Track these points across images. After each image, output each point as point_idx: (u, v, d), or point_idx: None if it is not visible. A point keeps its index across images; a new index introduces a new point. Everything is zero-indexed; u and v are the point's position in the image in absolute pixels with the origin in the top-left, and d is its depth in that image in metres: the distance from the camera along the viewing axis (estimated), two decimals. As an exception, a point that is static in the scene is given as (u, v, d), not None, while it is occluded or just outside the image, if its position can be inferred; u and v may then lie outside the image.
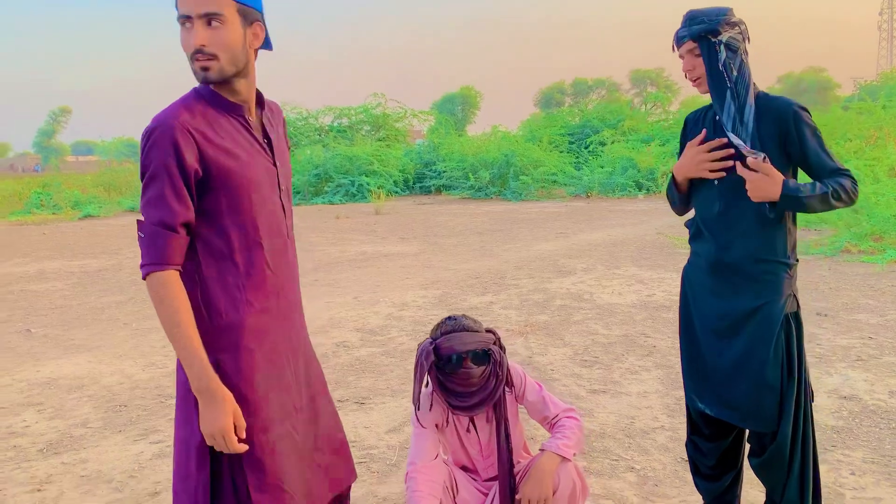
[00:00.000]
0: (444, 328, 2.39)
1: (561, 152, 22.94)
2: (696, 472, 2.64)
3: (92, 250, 11.93)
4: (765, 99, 2.28)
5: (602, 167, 20.28)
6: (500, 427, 2.41)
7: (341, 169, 22.07)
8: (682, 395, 2.67)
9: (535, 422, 2.60)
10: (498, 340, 2.41)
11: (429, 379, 2.41)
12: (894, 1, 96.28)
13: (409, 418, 3.36)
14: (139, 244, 1.77)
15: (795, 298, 2.33)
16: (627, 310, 6.38)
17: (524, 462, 2.52)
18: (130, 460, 3.56)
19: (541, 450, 2.39)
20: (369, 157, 22.17)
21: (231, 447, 1.75)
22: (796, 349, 2.29)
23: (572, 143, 24.61)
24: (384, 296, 7.33)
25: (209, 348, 1.81)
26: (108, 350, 5.68)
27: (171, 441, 3.68)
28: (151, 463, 3.52)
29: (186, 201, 1.76)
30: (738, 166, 2.21)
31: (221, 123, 1.85)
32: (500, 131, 25.06)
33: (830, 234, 9.81)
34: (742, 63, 2.24)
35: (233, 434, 1.75)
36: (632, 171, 19.42)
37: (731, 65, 2.23)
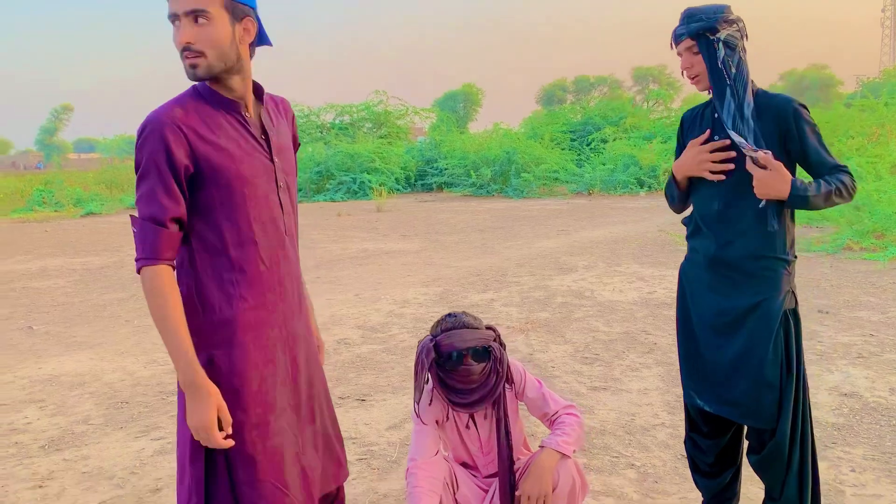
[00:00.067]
0: (445, 325, 2.38)
1: (563, 149, 22.94)
2: (696, 470, 2.64)
3: (94, 247, 11.94)
4: (764, 97, 2.28)
5: (604, 164, 20.27)
6: (500, 424, 2.42)
7: (343, 166, 22.07)
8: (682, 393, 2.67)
9: (536, 418, 2.60)
10: (498, 337, 2.41)
11: (429, 376, 2.41)
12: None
13: (410, 415, 3.37)
14: (134, 239, 1.79)
15: (794, 295, 2.33)
16: (628, 307, 6.38)
17: (524, 459, 2.52)
18: (132, 457, 3.57)
19: (541, 446, 2.39)
20: (371, 155, 22.16)
21: (214, 442, 1.76)
22: (795, 346, 2.29)
23: (574, 141, 24.62)
24: (385, 293, 7.34)
25: (203, 343, 1.83)
26: (110, 347, 5.69)
27: (172, 438, 3.70)
28: (153, 459, 3.53)
29: (177, 197, 1.77)
30: (748, 163, 2.20)
31: (216, 120, 1.85)
32: (502, 129, 25.04)
33: (832, 232, 9.80)
34: (740, 60, 2.24)
35: (216, 429, 1.75)
36: (633, 169, 19.41)
37: (730, 62, 2.23)
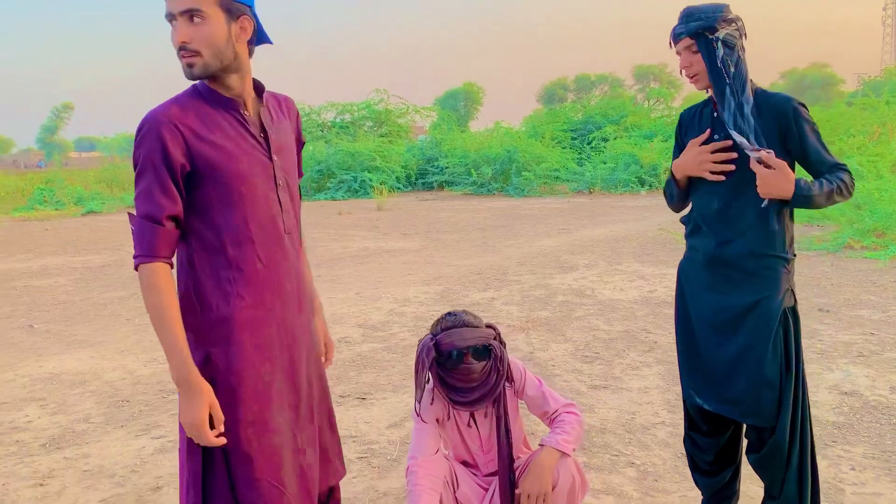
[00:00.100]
0: (445, 324, 2.38)
1: (563, 148, 22.92)
2: (695, 469, 2.64)
3: (94, 246, 11.95)
4: (763, 95, 2.28)
5: (604, 163, 20.25)
6: (500, 422, 2.42)
7: (344, 165, 22.05)
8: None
9: (536, 417, 2.60)
10: (498, 335, 2.41)
11: (430, 375, 2.41)
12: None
13: (410, 413, 3.37)
14: (132, 237, 1.81)
15: (793, 293, 2.34)
16: (629, 306, 6.38)
17: (524, 457, 2.52)
18: (132, 455, 3.57)
19: (540, 445, 2.39)
20: (372, 153, 22.14)
21: (205, 440, 1.76)
22: (794, 344, 2.30)
23: (575, 139, 24.60)
24: (386, 291, 7.34)
25: (201, 341, 1.84)
26: (111, 345, 5.70)
27: (173, 436, 3.71)
28: (153, 458, 3.53)
29: (173, 195, 1.78)
30: (752, 162, 2.20)
31: (214, 118, 1.85)
32: (503, 127, 25.03)
33: (833, 230, 9.79)
34: (739, 59, 2.24)
35: (207, 427, 1.75)
36: (634, 167, 19.39)
37: (729, 61, 2.23)
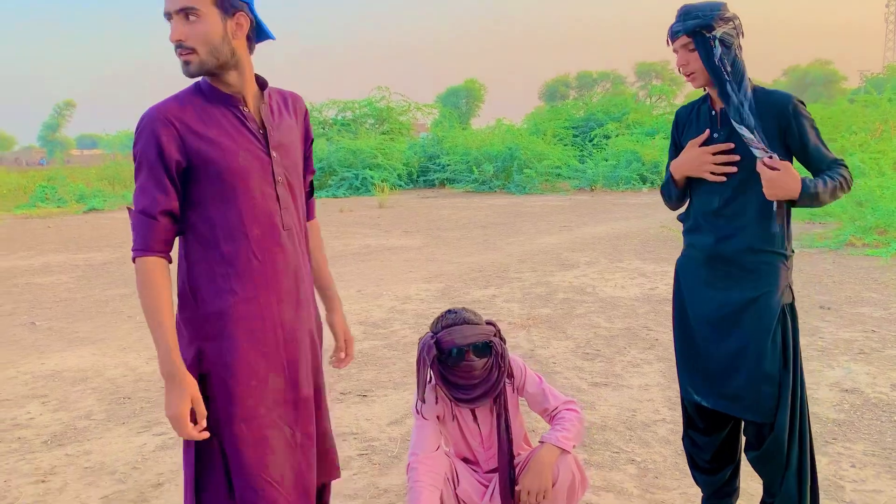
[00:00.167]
0: (445, 322, 2.39)
1: (565, 145, 22.93)
2: (695, 467, 2.65)
3: (96, 243, 11.96)
4: (762, 93, 2.29)
5: (606, 160, 20.25)
6: (501, 418, 2.42)
7: (345, 162, 22.05)
8: (683, 389, 2.67)
9: (536, 414, 2.61)
10: (498, 332, 2.41)
11: (431, 372, 2.41)
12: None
13: (411, 410, 3.37)
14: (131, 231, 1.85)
15: (791, 289, 2.34)
16: (630, 303, 6.38)
17: (524, 454, 2.52)
18: (134, 452, 3.58)
19: (541, 442, 2.40)
20: (373, 151, 22.15)
21: (185, 433, 1.79)
22: (792, 340, 2.30)
23: (576, 137, 24.60)
24: (387, 289, 7.35)
25: (195, 335, 1.87)
26: (112, 343, 5.71)
27: (174, 433, 3.71)
28: (154, 454, 3.54)
29: (168, 190, 1.81)
30: (759, 165, 2.20)
31: (212, 114, 1.87)
32: (505, 124, 25.02)
33: (835, 228, 9.79)
34: (736, 58, 2.25)
35: (187, 420, 1.78)
36: (636, 165, 19.39)
37: (726, 60, 2.23)
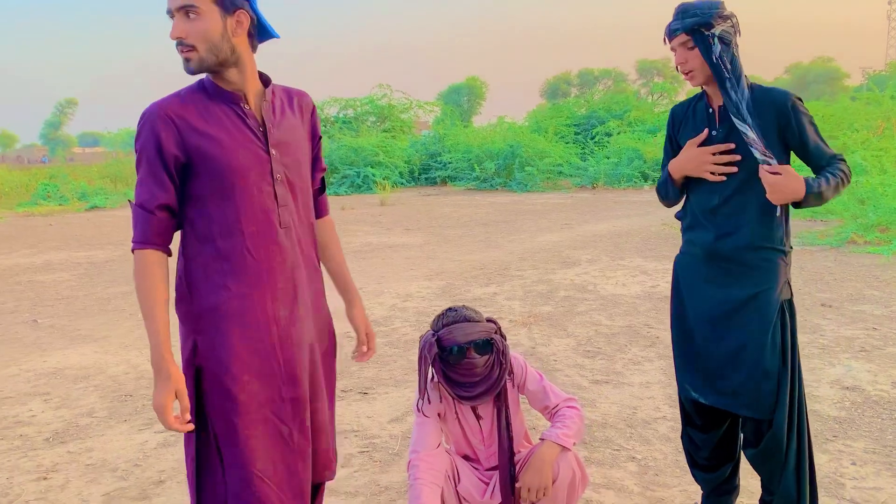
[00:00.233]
0: (446, 319, 2.39)
1: (567, 143, 22.91)
2: (694, 465, 2.65)
3: (98, 241, 11.97)
4: (759, 91, 2.29)
5: (608, 158, 20.25)
6: (501, 416, 2.43)
7: (347, 160, 22.05)
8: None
9: (537, 411, 2.61)
10: (499, 329, 2.42)
11: (432, 370, 2.42)
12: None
13: (412, 408, 3.38)
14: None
15: (789, 285, 2.35)
16: (631, 300, 6.38)
17: (525, 451, 2.53)
18: (135, 449, 3.59)
19: (541, 439, 2.40)
20: (375, 149, 22.14)
21: (166, 424, 1.83)
22: (790, 337, 2.31)
23: (578, 134, 24.58)
24: (388, 287, 7.35)
25: (190, 328, 1.91)
26: (115, 340, 5.71)
27: (175, 431, 3.71)
28: (156, 452, 3.55)
29: (165, 185, 1.84)
30: (760, 171, 2.21)
31: (213, 111, 1.89)
32: (506, 122, 25.01)
33: (836, 225, 9.78)
34: (734, 56, 2.25)
35: (169, 412, 1.82)
36: (638, 162, 19.39)
37: (725, 57, 2.23)
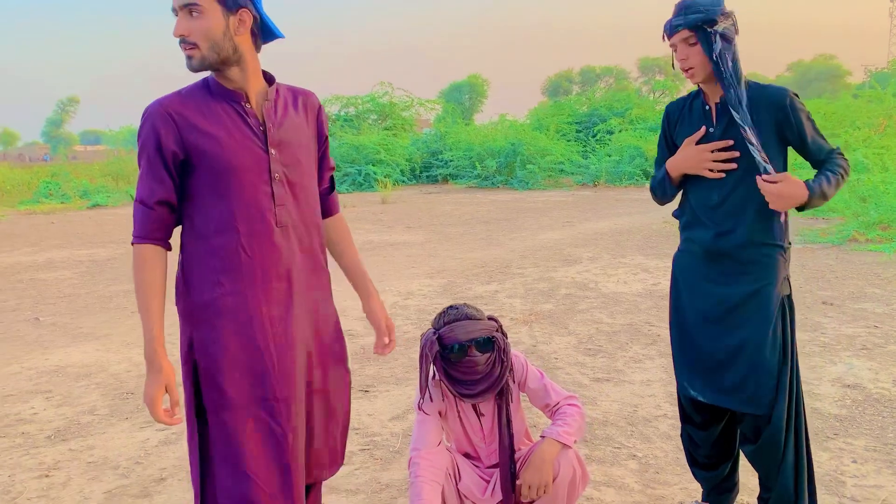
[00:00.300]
0: (447, 318, 2.39)
1: (568, 141, 22.87)
2: (694, 463, 2.66)
3: (100, 239, 11.98)
4: (757, 88, 2.30)
5: (609, 156, 20.21)
6: (502, 413, 2.43)
7: (348, 158, 22.02)
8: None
9: (537, 409, 2.62)
10: (500, 328, 2.42)
11: (433, 368, 2.42)
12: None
13: (413, 406, 3.38)
14: None
15: (788, 281, 2.36)
16: (632, 298, 6.38)
17: (525, 449, 2.53)
18: (137, 447, 3.60)
19: (542, 436, 2.40)
20: (376, 147, 22.13)
21: (155, 416, 1.87)
22: (790, 333, 2.31)
23: (580, 132, 24.52)
24: (390, 285, 7.35)
25: (187, 323, 1.95)
26: (116, 338, 5.72)
27: (177, 428, 3.72)
28: (157, 449, 3.56)
29: (164, 181, 1.87)
30: (759, 181, 2.21)
31: (214, 109, 1.90)
32: (508, 120, 24.95)
33: (838, 223, 9.78)
34: (735, 54, 2.25)
35: (157, 405, 1.86)
36: (639, 160, 19.36)
37: (726, 55, 2.23)
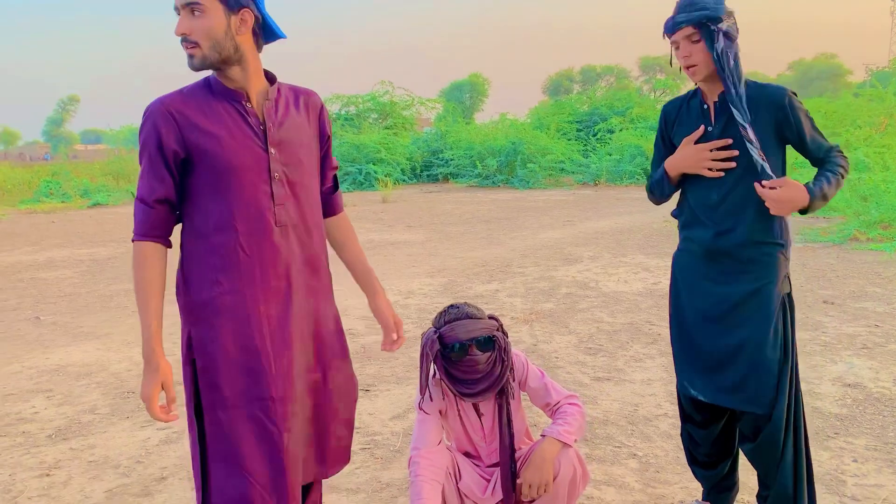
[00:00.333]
0: (448, 317, 2.39)
1: (569, 140, 22.87)
2: (694, 462, 2.66)
3: (101, 238, 11.99)
4: (755, 87, 2.29)
5: (610, 155, 20.20)
6: (502, 412, 2.43)
7: (348, 157, 22.01)
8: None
9: (538, 408, 2.62)
10: (501, 327, 2.42)
11: (434, 367, 2.42)
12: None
13: (413, 405, 3.38)
14: None
15: (788, 279, 2.36)
16: (633, 298, 6.38)
17: (526, 448, 2.53)
18: (137, 446, 3.60)
19: (542, 435, 2.40)
20: (377, 146, 22.12)
21: (151, 413, 1.89)
22: (790, 331, 2.31)
23: (580, 131, 24.51)
24: (390, 284, 7.35)
25: (186, 321, 1.97)
26: (117, 337, 5.73)
27: (177, 427, 3.72)
28: (158, 448, 3.56)
29: (164, 179, 1.88)
30: (757, 187, 2.21)
31: (215, 108, 1.91)
32: (508, 119, 24.93)
33: (839, 222, 9.77)
34: (736, 53, 2.25)
35: (154, 403, 1.88)
36: (640, 159, 19.33)
37: (728, 53, 2.23)
